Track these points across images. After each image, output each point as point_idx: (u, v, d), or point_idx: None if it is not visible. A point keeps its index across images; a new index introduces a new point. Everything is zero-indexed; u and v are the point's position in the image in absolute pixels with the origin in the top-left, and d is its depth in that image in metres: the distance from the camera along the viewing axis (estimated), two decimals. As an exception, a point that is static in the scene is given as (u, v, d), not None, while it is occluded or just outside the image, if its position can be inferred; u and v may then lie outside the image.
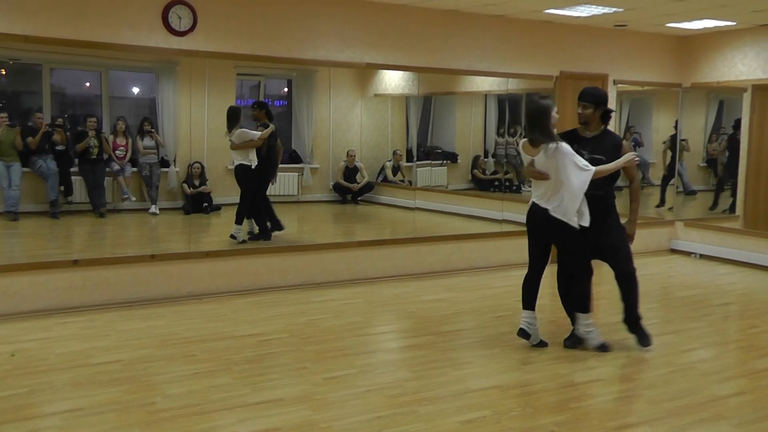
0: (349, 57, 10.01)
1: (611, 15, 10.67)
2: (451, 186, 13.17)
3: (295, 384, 6.16)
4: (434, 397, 5.92)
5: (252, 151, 10.01)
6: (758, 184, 12.18)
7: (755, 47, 11.79)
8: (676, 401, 6.01)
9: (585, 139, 7.11)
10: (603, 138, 7.09)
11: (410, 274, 10.49)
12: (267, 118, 10.24)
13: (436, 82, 11.96)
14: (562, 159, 6.70)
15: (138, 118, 10.72)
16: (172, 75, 10.48)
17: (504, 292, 9.62)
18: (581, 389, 6.25)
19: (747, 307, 9.51)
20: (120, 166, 10.37)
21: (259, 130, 10.04)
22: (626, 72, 12.30)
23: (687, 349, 7.43)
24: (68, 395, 5.82)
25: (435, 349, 7.18)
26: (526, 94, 12.84)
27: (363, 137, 12.36)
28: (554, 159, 6.73)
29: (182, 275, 9.00)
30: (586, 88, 7.23)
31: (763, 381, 6.54)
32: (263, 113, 10.25)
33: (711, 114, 13.74)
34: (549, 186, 6.85)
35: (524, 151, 7.00)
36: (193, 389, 5.98)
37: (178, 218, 10.68)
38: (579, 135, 7.16)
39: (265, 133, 10.02)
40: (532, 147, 6.88)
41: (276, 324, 7.94)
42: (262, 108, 10.31)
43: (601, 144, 7.03)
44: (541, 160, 6.83)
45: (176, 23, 8.82)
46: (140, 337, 7.36)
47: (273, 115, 10.39)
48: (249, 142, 9.98)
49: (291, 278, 9.65)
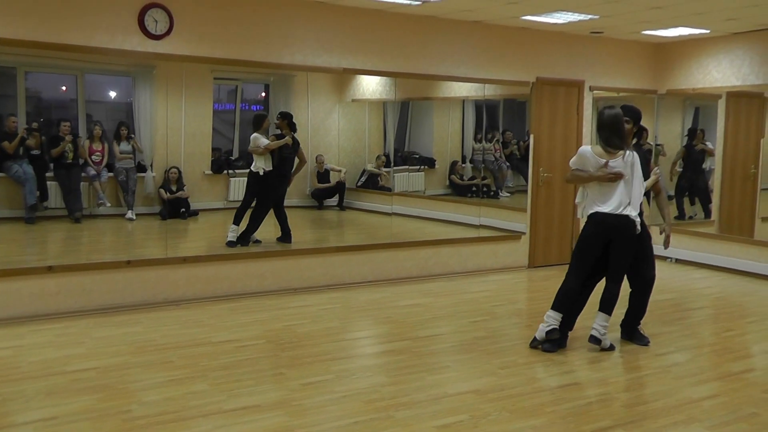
0: (326, 62, 10.00)
1: (587, 22, 10.71)
2: (429, 191, 13.15)
3: (271, 390, 6.13)
4: (411, 402, 5.92)
5: (266, 158, 10.08)
6: (733, 190, 12.26)
7: (729, 55, 11.87)
8: (651, 404, 6.04)
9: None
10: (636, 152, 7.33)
11: (387, 280, 10.48)
12: (288, 128, 10.41)
13: (413, 88, 11.95)
14: (637, 167, 7.17)
15: (114, 123, 10.64)
16: (148, 79, 10.41)
17: (481, 297, 9.62)
18: (557, 393, 6.26)
19: (722, 311, 9.55)
20: (96, 171, 10.29)
21: (270, 139, 10.14)
22: (602, 78, 12.36)
23: (662, 352, 7.45)
24: (42, 404, 5.76)
25: (412, 354, 7.17)
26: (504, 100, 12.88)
27: (341, 142, 12.32)
28: (630, 166, 7.11)
29: (159, 281, 8.95)
30: (626, 105, 7.51)
31: (737, 384, 6.57)
32: (285, 123, 10.43)
33: (687, 120, 13.80)
34: (624, 193, 7.13)
35: (597, 155, 7.12)
36: (170, 396, 5.94)
37: (154, 224, 10.61)
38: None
39: (271, 144, 10.11)
40: (607, 153, 7.11)
41: (253, 330, 7.91)
42: (285, 118, 10.48)
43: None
44: (619, 165, 7.08)
45: (152, 26, 8.78)
46: (116, 344, 7.30)
47: (296, 127, 10.47)
48: (256, 149, 10.09)
49: (268, 284, 9.62)
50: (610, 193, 7.11)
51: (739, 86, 11.81)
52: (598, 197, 7.15)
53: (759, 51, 11.48)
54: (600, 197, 7.14)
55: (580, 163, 7.18)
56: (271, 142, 10.15)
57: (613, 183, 7.06)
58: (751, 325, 8.84)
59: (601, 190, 7.12)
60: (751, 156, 11.94)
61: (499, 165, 13.21)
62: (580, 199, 7.35)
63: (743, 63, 11.69)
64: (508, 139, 13.35)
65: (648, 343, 7.59)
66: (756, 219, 12.00)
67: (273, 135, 10.29)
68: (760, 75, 11.50)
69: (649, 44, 12.75)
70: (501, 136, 13.34)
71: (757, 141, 11.83)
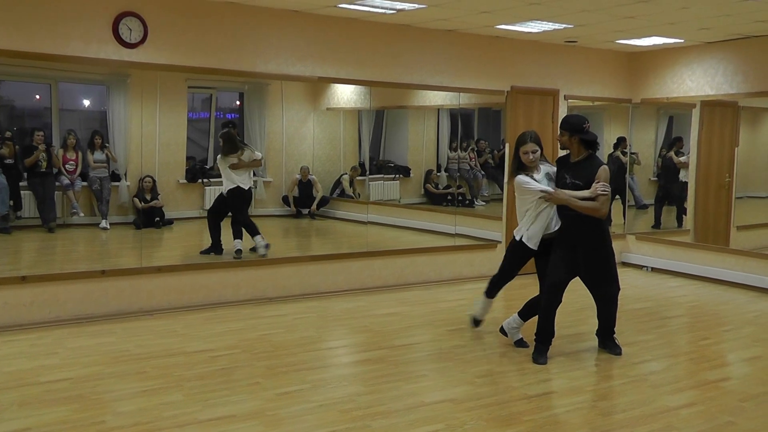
0: (300, 70, 10.00)
1: (561, 31, 10.77)
2: (404, 200, 13.18)
3: (247, 400, 6.12)
4: (387, 411, 5.92)
5: (250, 172, 10.12)
6: (708, 199, 12.34)
7: (703, 64, 11.97)
8: (628, 412, 6.06)
9: (569, 164, 7.37)
10: (585, 163, 7.25)
11: (363, 288, 10.48)
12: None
13: (388, 96, 11.98)
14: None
15: (88, 131, 10.60)
16: (123, 87, 10.38)
17: (457, 306, 9.63)
18: (534, 402, 6.27)
19: (698, 320, 9.61)
20: (70, 181, 10.24)
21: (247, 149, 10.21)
22: (577, 87, 12.43)
23: (639, 361, 7.49)
24: (15, 415, 5.72)
25: (388, 363, 7.17)
26: (478, 108, 12.93)
27: (315, 151, 12.34)
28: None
29: (133, 291, 8.91)
30: (565, 116, 7.56)
31: (714, 392, 6.61)
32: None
33: (661, 129, 13.90)
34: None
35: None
36: (144, 407, 5.91)
37: (129, 233, 10.58)
38: (568, 161, 7.43)
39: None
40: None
41: (228, 339, 7.89)
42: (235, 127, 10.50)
43: (582, 170, 7.21)
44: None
45: (127, 35, 8.75)
46: (90, 355, 7.26)
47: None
48: (254, 162, 10.18)
49: (243, 293, 9.60)
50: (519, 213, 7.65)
51: (713, 95, 11.91)
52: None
53: (732, 60, 11.58)
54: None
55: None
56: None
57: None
58: (727, 333, 8.91)
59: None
60: (725, 165, 12.01)
61: (474, 174, 13.26)
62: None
63: (717, 72, 11.79)
64: (483, 147, 13.40)
65: (620, 353, 7.59)
66: (731, 228, 12.08)
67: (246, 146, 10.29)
68: (733, 84, 11.60)
69: (624, 53, 12.84)
70: (476, 144, 13.40)
71: (732, 150, 11.91)
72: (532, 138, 7.38)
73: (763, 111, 12.31)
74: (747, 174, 12.06)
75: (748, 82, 11.42)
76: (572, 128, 7.24)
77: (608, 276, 7.47)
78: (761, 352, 8.02)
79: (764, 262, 11.07)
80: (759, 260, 11.14)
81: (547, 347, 7.37)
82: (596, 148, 7.31)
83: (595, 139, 7.26)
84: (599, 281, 7.46)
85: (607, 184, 7.09)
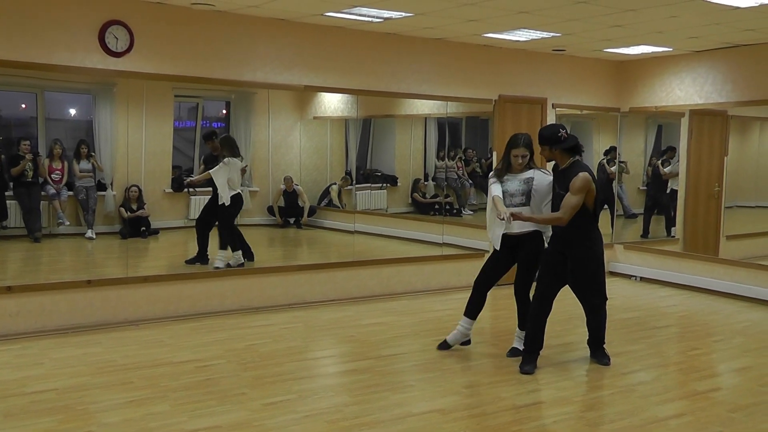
0: (287, 79, 10.05)
1: (549, 39, 10.85)
2: (391, 209, 13.22)
3: (233, 410, 6.14)
4: (374, 422, 5.95)
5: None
6: (697, 208, 12.42)
7: (692, 73, 12.06)
8: (617, 423, 6.10)
9: (557, 173, 7.37)
10: (568, 171, 7.20)
11: (350, 298, 10.51)
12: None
13: (375, 105, 12.03)
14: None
15: (74, 141, 10.61)
16: (109, 96, 10.40)
17: (444, 316, 9.67)
18: (523, 412, 6.31)
19: (687, 330, 9.67)
20: (56, 190, 10.25)
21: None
22: (565, 96, 12.51)
23: (628, 371, 7.53)
24: (0, 426, 5.73)
25: (375, 373, 7.21)
26: (466, 117, 12.98)
27: (302, 160, 12.37)
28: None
29: (119, 301, 8.93)
30: (540, 130, 7.43)
31: (703, 403, 6.66)
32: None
33: (650, 138, 13.98)
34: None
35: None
36: (130, 417, 5.94)
37: (115, 243, 10.59)
38: (557, 169, 7.40)
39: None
40: None
41: (214, 349, 7.91)
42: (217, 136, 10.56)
43: (565, 178, 7.19)
44: None
45: (113, 44, 8.79)
46: (75, 365, 7.28)
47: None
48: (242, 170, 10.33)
49: (229, 303, 9.63)
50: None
51: (702, 104, 12.00)
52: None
53: (721, 69, 11.67)
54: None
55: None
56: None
57: None
58: (716, 343, 8.97)
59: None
60: (714, 174, 12.09)
61: (461, 183, 13.31)
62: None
63: (706, 81, 11.88)
64: (471, 156, 13.45)
65: (608, 363, 7.63)
66: (721, 237, 12.15)
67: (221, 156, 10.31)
68: (722, 93, 11.69)
69: (612, 62, 12.92)
70: (463, 153, 13.45)
71: (721, 159, 11.98)
72: (524, 142, 7.43)
73: (752, 120, 12.40)
74: (736, 183, 12.13)
75: (737, 91, 11.51)
76: (550, 141, 7.21)
77: (594, 286, 7.50)
78: (751, 362, 8.07)
79: (754, 271, 11.14)
80: (748, 270, 11.21)
81: (535, 357, 7.41)
82: (580, 151, 7.26)
83: (576, 143, 7.22)
84: (585, 290, 7.50)
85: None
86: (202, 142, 11.28)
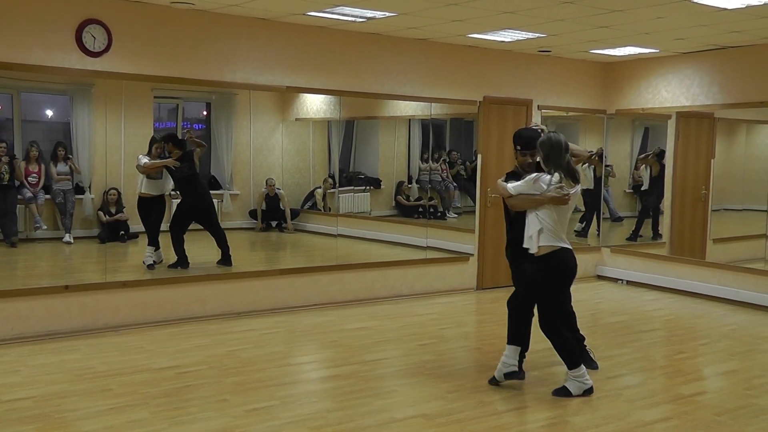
0: (269, 80, 10.07)
1: (535, 40, 10.90)
2: (375, 212, 13.23)
3: (215, 417, 6.16)
4: (358, 428, 5.98)
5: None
6: (684, 211, 12.49)
7: (678, 74, 12.14)
8: (603, 427, 6.15)
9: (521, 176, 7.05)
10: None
11: (333, 303, 10.54)
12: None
13: (358, 107, 12.05)
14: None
15: (51, 143, 10.56)
16: (87, 97, 10.37)
17: (428, 320, 9.71)
18: (506, 417, 6.36)
19: (674, 333, 9.73)
20: (32, 193, 10.22)
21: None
22: (551, 97, 12.57)
23: (614, 375, 7.59)
24: (-23, 432, 5.75)
25: (358, 379, 7.24)
26: (450, 119, 13.02)
27: (284, 162, 12.36)
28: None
29: (98, 306, 8.92)
30: (522, 135, 7.14)
31: (689, 406, 6.72)
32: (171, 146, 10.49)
33: (637, 140, 14.04)
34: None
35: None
36: (110, 425, 5.94)
37: (93, 247, 10.55)
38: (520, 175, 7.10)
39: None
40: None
41: (195, 355, 7.93)
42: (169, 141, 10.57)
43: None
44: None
45: (90, 43, 8.79)
46: (53, 372, 7.28)
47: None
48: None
49: (210, 308, 9.64)
50: (564, 224, 6.85)
51: (689, 106, 12.08)
52: (558, 228, 6.77)
53: (708, 71, 11.76)
54: (559, 228, 6.78)
55: (529, 189, 6.76)
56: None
57: (565, 209, 6.76)
58: (703, 347, 9.03)
59: (558, 218, 6.74)
60: (701, 177, 12.17)
61: (446, 185, 13.34)
62: (534, 231, 6.75)
63: (693, 83, 11.96)
64: (455, 159, 13.49)
65: (596, 368, 7.67)
66: (707, 240, 12.22)
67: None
68: (709, 95, 11.77)
69: (598, 63, 12.99)
70: (448, 156, 13.49)
71: (708, 162, 12.06)
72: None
73: (739, 122, 12.48)
74: (723, 186, 12.20)
75: (724, 93, 11.59)
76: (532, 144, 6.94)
77: None
78: (737, 365, 8.16)
79: (740, 275, 11.24)
80: (735, 273, 11.31)
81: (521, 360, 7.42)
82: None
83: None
84: None
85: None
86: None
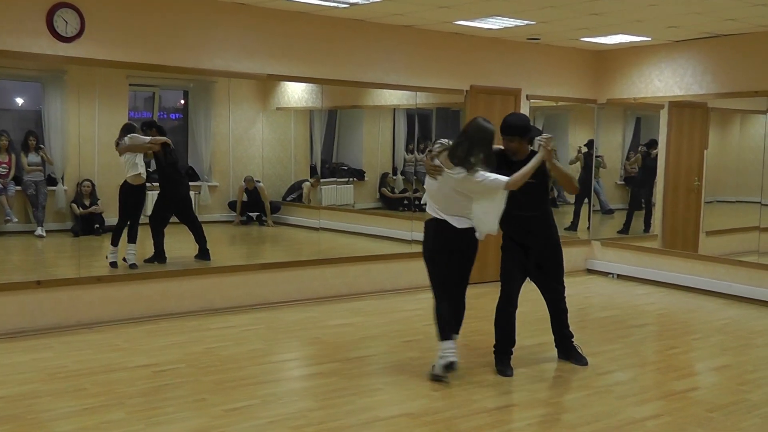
0: (248, 67, 10.01)
1: (523, 28, 10.87)
2: (358, 205, 13.20)
3: (193, 417, 6.13)
4: (341, 427, 5.96)
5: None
6: (676, 203, 12.51)
7: (671, 63, 12.13)
8: (593, 425, 6.14)
9: (517, 163, 7.14)
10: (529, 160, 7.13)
11: (315, 298, 10.50)
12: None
13: (341, 95, 12.01)
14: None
15: (22, 132, 10.50)
16: (59, 85, 10.31)
17: (413, 316, 9.69)
18: (495, 415, 6.34)
19: (665, 328, 9.75)
20: (2, 185, 10.16)
21: None
22: (540, 87, 12.55)
23: (604, 371, 7.59)
24: (-55, 434, 5.69)
25: (341, 377, 7.21)
26: (436, 108, 12.98)
27: (265, 153, 12.31)
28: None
29: (71, 302, 8.86)
30: (511, 120, 7.36)
31: (681, 403, 6.73)
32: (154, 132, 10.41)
33: (628, 131, 14.04)
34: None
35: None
36: (84, 426, 5.90)
37: (66, 241, 10.51)
38: (510, 159, 7.25)
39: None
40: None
41: (172, 353, 7.88)
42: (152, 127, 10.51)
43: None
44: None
45: (62, 28, 8.70)
46: (25, 371, 7.22)
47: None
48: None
49: (188, 304, 9.58)
50: (437, 199, 7.48)
51: (682, 96, 12.08)
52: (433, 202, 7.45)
53: (702, 60, 11.75)
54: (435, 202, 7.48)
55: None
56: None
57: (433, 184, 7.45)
58: (695, 342, 9.07)
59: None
60: (694, 168, 12.18)
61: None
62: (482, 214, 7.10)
63: (686, 72, 11.95)
64: (441, 149, 13.44)
65: (586, 364, 7.67)
66: (700, 233, 12.25)
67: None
68: (703, 84, 11.78)
69: (589, 52, 12.98)
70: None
71: (701, 153, 12.08)
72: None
73: (733, 113, 12.49)
74: (717, 178, 12.23)
75: (718, 82, 11.60)
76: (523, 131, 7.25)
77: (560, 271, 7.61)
78: (730, 360, 8.18)
79: (733, 268, 11.26)
80: (728, 266, 11.34)
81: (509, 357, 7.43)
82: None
83: (539, 133, 7.31)
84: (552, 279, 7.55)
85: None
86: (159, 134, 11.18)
